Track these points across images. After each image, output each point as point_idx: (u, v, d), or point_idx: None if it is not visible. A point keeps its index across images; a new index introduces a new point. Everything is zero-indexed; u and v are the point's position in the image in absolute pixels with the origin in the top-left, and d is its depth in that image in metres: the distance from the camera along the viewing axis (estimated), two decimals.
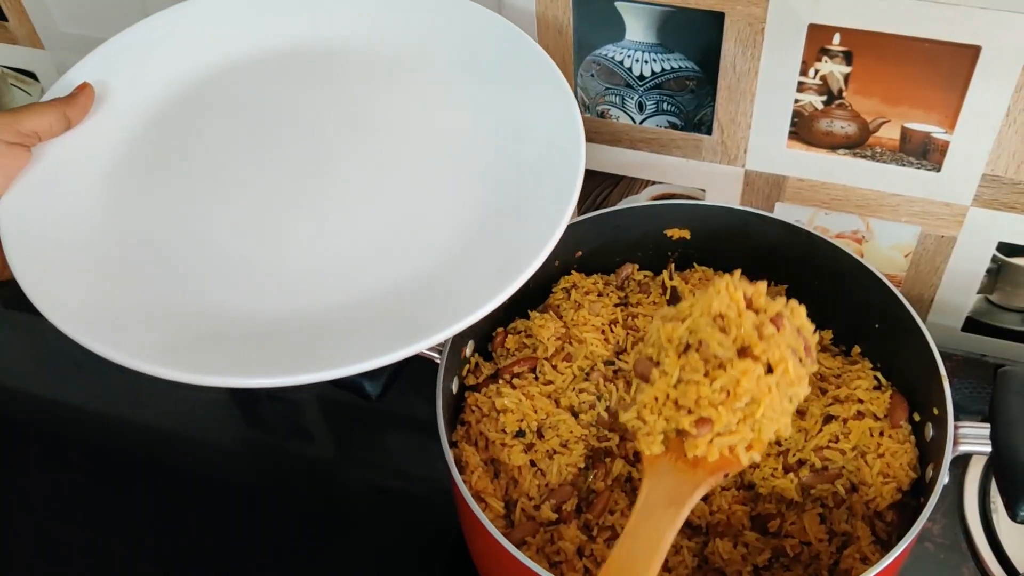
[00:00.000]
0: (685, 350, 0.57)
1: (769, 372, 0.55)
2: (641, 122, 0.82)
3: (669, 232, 0.78)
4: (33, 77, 1.01)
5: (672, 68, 0.78)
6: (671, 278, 0.78)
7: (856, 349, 0.75)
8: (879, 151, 0.77)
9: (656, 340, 0.58)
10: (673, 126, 0.82)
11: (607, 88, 0.81)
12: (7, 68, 1.01)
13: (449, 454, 0.64)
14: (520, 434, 0.70)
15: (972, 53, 0.68)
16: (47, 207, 0.66)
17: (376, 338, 0.58)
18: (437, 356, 0.67)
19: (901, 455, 0.68)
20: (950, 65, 0.70)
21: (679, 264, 0.79)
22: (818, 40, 0.72)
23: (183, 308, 0.62)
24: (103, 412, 0.90)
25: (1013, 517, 0.60)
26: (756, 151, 0.81)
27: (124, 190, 0.68)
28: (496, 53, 0.73)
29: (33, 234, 0.64)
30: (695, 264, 0.80)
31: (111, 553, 0.81)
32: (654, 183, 0.87)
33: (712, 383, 0.55)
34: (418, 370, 0.65)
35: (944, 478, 0.62)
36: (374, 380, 0.66)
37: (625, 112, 0.82)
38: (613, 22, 0.77)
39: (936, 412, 0.66)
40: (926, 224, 0.81)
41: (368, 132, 0.71)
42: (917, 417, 0.69)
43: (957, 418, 0.64)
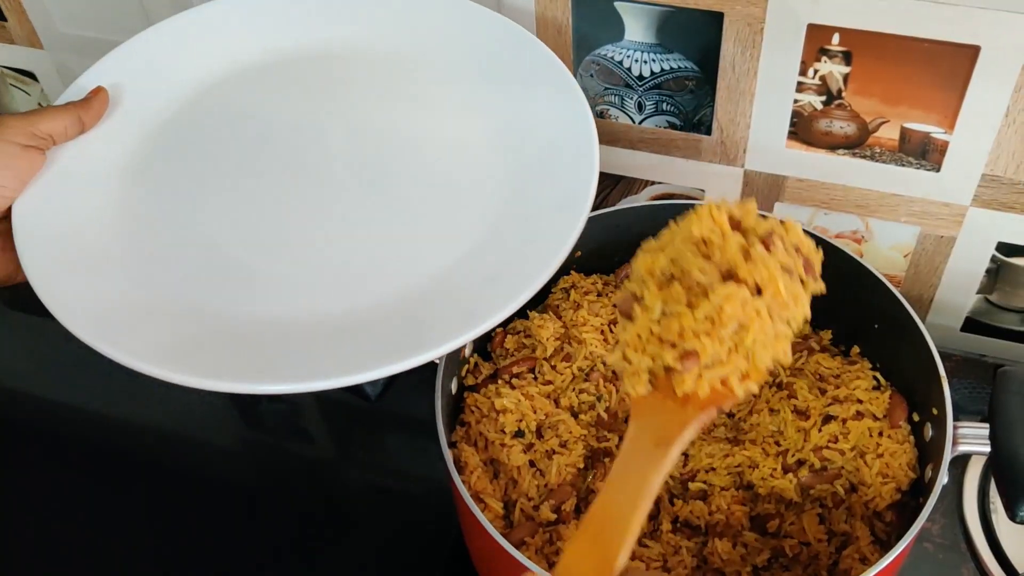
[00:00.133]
0: (669, 282, 0.52)
1: (759, 295, 0.50)
2: (640, 122, 0.82)
3: None
4: (32, 77, 1.01)
5: (671, 68, 0.78)
6: None
7: (855, 349, 0.75)
8: (878, 151, 0.77)
9: (638, 274, 0.53)
10: (672, 126, 0.82)
11: (606, 88, 0.81)
12: (6, 68, 1.01)
13: (448, 454, 0.64)
14: (519, 434, 0.70)
15: (971, 53, 0.68)
16: (60, 210, 0.66)
17: (387, 346, 0.57)
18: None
19: (900, 455, 0.68)
20: (949, 65, 0.70)
21: None
22: (817, 40, 0.72)
23: (193, 313, 0.61)
24: (103, 412, 0.90)
25: (1012, 517, 0.60)
26: (755, 151, 0.81)
27: (136, 194, 0.68)
28: (503, 55, 0.72)
29: (46, 237, 0.64)
30: None
31: (111, 553, 0.81)
32: (653, 183, 0.87)
33: (695, 313, 0.50)
34: (417, 370, 0.64)
35: (943, 478, 0.62)
36: (374, 381, 0.65)
37: (624, 112, 0.82)
38: (612, 22, 0.77)
39: (935, 412, 0.66)
40: (925, 224, 0.81)
41: (378, 137, 0.71)
42: (916, 417, 0.69)
43: (956, 418, 0.64)
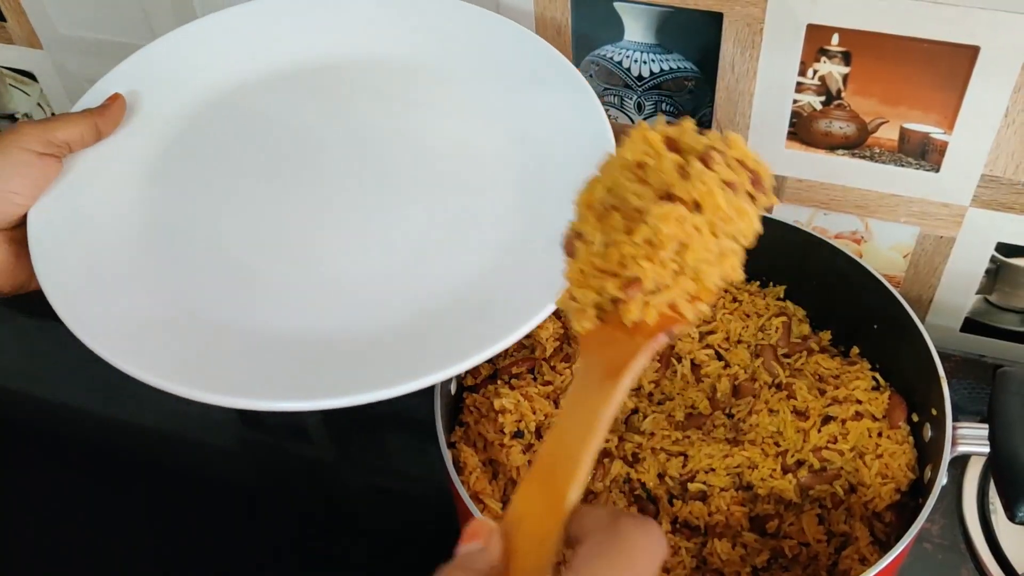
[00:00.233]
0: (609, 213, 0.50)
1: (699, 212, 0.48)
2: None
3: None
4: (32, 77, 1.01)
5: (671, 68, 0.78)
6: None
7: (855, 350, 0.75)
8: (878, 151, 0.77)
9: (577, 210, 0.51)
10: None
11: (606, 88, 0.81)
12: (6, 68, 1.01)
13: (447, 455, 0.64)
14: (518, 435, 0.70)
15: (971, 53, 0.68)
16: (76, 219, 0.66)
17: (409, 363, 0.56)
18: None
19: (899, 456, 0.68)
20: (949, 65, 0.70)
21: None
22: (817, 40, 0.72)
23: (209, 326, 0.61)
24: (103, 413, 0.90)
25: (1011, 518, 0.60)
26: (755, 151, 0.80)
27: (153, 203, 0.68)
28: (515, 61, 0.72)
29: (61, 245, 0.64)
30: None
31: (111, 553, 0.81)
32: None
33: (633, 238, 0.48)
34: None
35: (942, 479, 0.62)
36: None
37: (624, 113, 0.82)
38: (612, 22, 0.76)
39: (934, 413, 0.66)
40: (925, 224, 0.81)
41: (394, 146, 0.70)
42: (916, 418, 0.69)
43: (956, 419, 0.64)
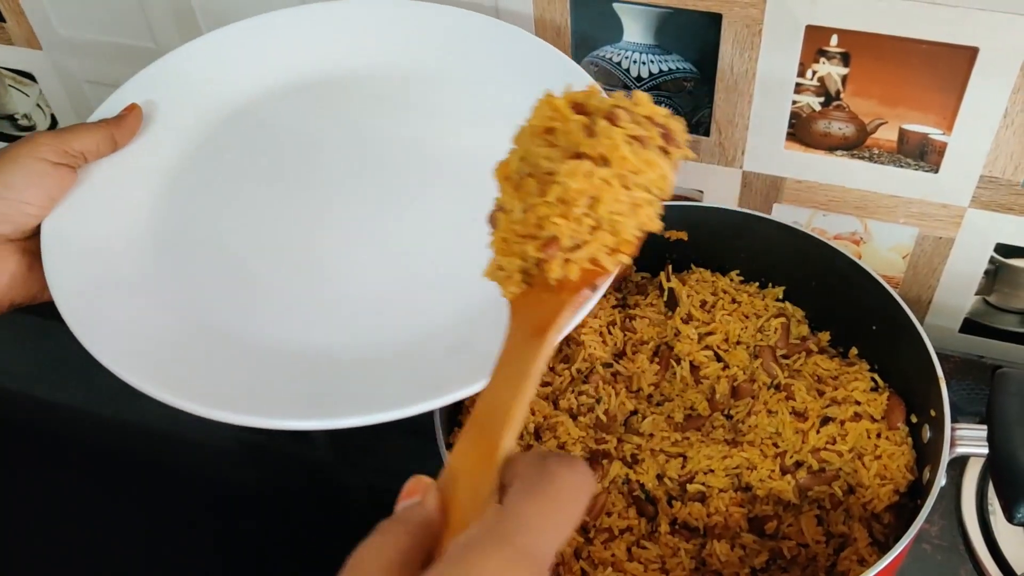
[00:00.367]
0: (525, 181, 0.51)
1: (607, 167, 0.50)
2: None
3: (667, 233, 0.78)
4: (31, 78, 1.01)
5: (670, 69, 0.78)
6: (668, 280, 0.78)
7: (853, 351, 0.75)
8: (877, 152, 0.77)
9: (497, 182, 0.53)
10: None
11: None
12: (5, 69, 1.01)
13: (446, 455, 0.64)
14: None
15: (970, 54, 0.68)
16: (90, 230, 0.65)
17: (419, 383, 0.56)
18: None
19: (898, 457, 0.68)
20: (948, 66, 0.70)
21: (676, 266, 0.79)
22: (816, 41, 0.72)
23: (221, 342, 0.60)
24: (102, 413, 0.90)
25: (1010, 519, 0.60)
26: (754, 152, 0.81)
27: (168, 215, 0.67)
28: (520, 66, 0.72)
29: (74, 256, 0.63)
30: (692, 266, 0.80)
31: (111, 554, 0.81)
32: None
33: (546, 198, 0.49)
34: None
35: (941, 480, 0.62)
36: None
37: None
38: (611, 23, 0.76)
39: (933, 414, 0.66)
40: (924, 225, 0.81)
41: (409, 159, 0.69)
42: (914, 419, 0.69)
43: (955, 419, 0.64)
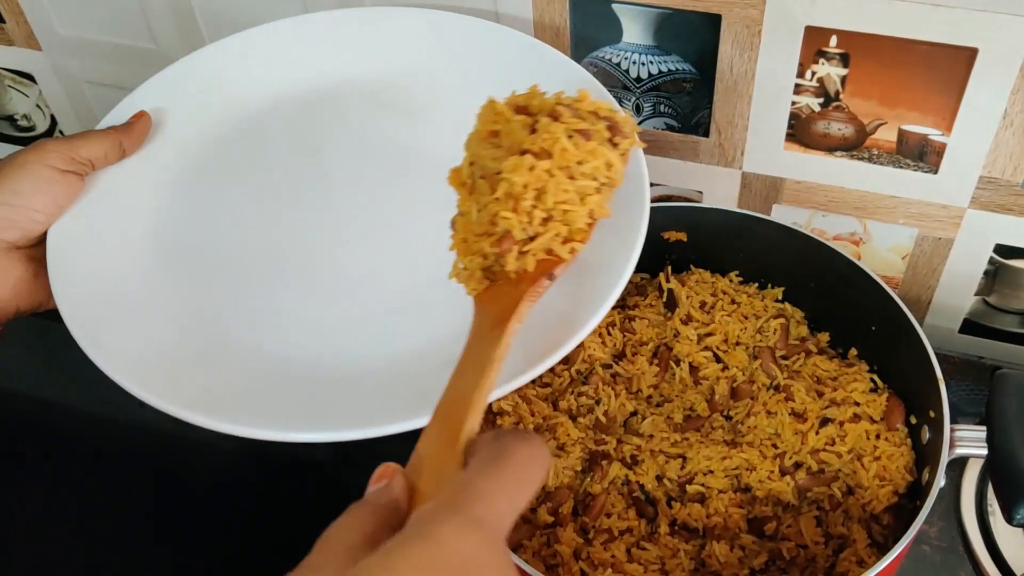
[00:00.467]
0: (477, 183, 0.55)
1: (550, 159, 0.53)
2: (638, 124, 0.82)
3: (666, 234, 0.78)
4: (31, 79, 1.01)
5: (669, 70, 0.78)
6: (668, 281, 0.78)
7: (853, 351, 0.75)
8: (876, 153, 0.77)
9: (455, 190, 0.56)
10: (670, 128, 0.82)
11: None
12: (5, 70, 1.01)
13: None
14: None
15: (969, 55, 0.68)
16: (96, 238, 0.65)
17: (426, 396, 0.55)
18: None
19: (897, 458, 0.68)
20: (947, 67, 0.70)
21: (676, 267, 0.79)
22: (815, 42, 0.72)
23: (225, 353, 0.60)
24: (101, 413, 0.90)
25: (1009, 520, 0.60)
26: (753, 153, 0.81)
27: (176, 224, 0.67)
28: (532, 73, 0.70)
29: (79, 265, 0.63)
30: (692, 267, 0.80)
31: (110, 554, 0.81)
32: (651, 185, 0.87)
33: (496, 195, 0.52)
34: None
35: (940, 481, 0.62)
36: None
37: None
38: (610, 24, 0.76)
39: (932, 415, 0.66)
40: (923, 226, 0.81)
41: (418, 168, 0.69)
42: (914, 420, 0.69)
43: (954, 420, 0.64)
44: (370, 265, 0.64)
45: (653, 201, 0.87)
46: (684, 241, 0.78)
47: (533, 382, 0.73)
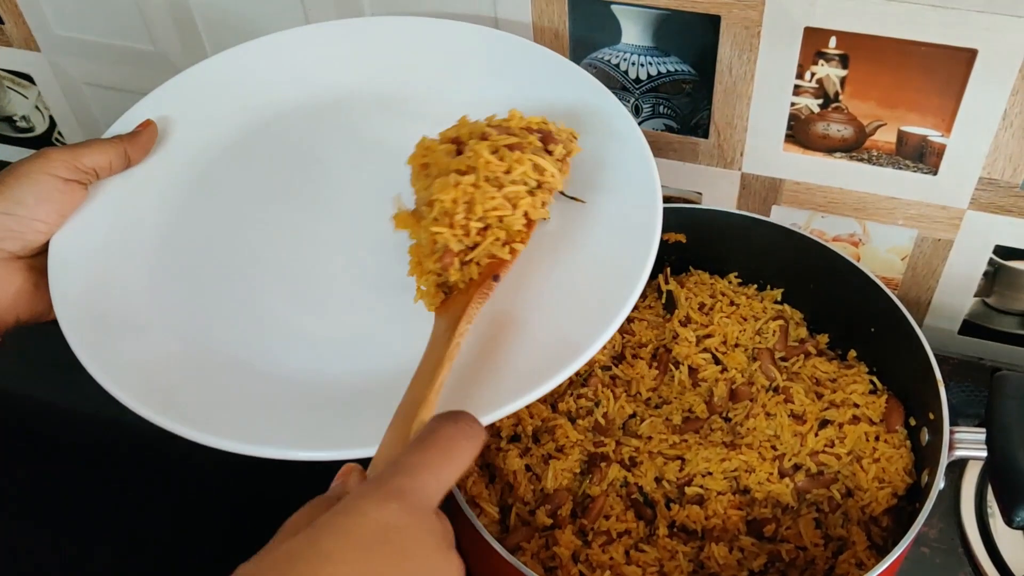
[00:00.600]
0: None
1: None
2: (638, 125, 0.82)
3: (665, 236, 0.78)
4: (29, 80, 1.01)
5: (668, 71, 0.78)
6: (667, 282, 0.78)
7: (852, 353, 0.75)
8: (876, 154, 0.77)
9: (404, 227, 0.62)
10: (669, 129, 0.82)
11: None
12: (3, 71, 1.01)
13: None
14: (515, 439, 0.70)
15: (968, 56, 0.68)
16: (98, 249, 0.64)
17: None
18: None
19: (897, 460, 0.68)
20: (946, 68, 0.70)
21: (675, 268, 0.79)
22: (814, 43, 0.72)
23: (225, 368, 0.59)
24: (101, 413, 0.90)
25: (1009, 522, 0.60)
26: (752, 154, 0.81)
27: (179, 236, 0.66)
28: (534, 77, 0.71)
29: (81, 275, 0.62)
30: (691, 268, 0.80)
31: (110, 553, 0.81)
32: None
33: (432, 216, 0.57)
34: None
35: (940, 483, 0.62)
36: None
37: None
38: (609, 25, 0.76)
39: (932, 417, 0.66)
40: (923, 227, 0.80)
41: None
42: (913, 422, 0.69)
43: (954, 422, 0.64)
44: (377, 279, 0.64)
45: None
46: (683, 242, 0.78)
47: None
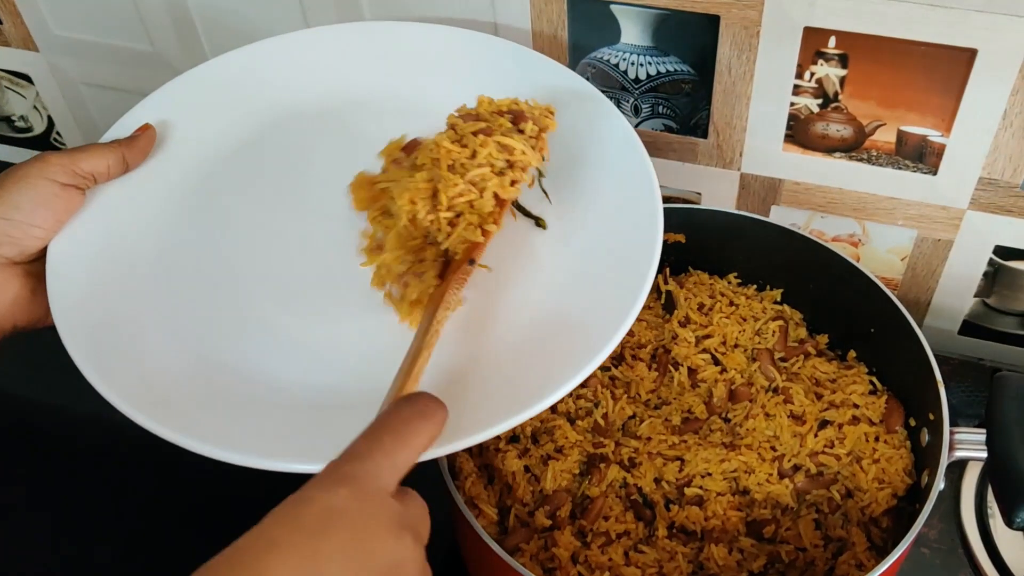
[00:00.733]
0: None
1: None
2: (637, 125, 0.82)
3: (664, 236, 0.77)
4: (27, 80, 1.01)
5: (668, 71, 0.78)
6: (666, 282, 0.78)
7: (852, 353, 0.75)
8: (875, 154, 0.77)
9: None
10: (669, 129, 0.82)
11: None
12: (1, 71, 1.01)
13: (443, 460, 0.64)
14: (514, 439, 0.70)
15: (968, 56, 0.68)
16: (96, 255, 0.63)
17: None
18: None
19: (896, 460, 0.67)
20: (946, 68, 0.69)
21: (674, 268, 0.79)
22: (814, 43, 0.72)
23: (222, 375, 0.59)
24: (100, 413, 0.90)
25: (1009, 523, 0.60)
26: (752, 154, 0.80)
27: (178, 241, 0.65)
28: (534, 82, 0.70)
29: (78, 282, 0.62)
30: (690, 268, 0.79)
31: (109, 553, 0.81)
32: None
33: (400, 224, 0.58)
34: None
35: (940, 484, 0.62)
36: None
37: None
38: (608, 25, 0.76)
39: (932, 417, 0.66)
40: (923, 227, 0.80)
41: None
42: (913, 422, 0.69)
43: (954, 422, 0.64)
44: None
45: None
46: (682, 243, 0.78)
47: None
